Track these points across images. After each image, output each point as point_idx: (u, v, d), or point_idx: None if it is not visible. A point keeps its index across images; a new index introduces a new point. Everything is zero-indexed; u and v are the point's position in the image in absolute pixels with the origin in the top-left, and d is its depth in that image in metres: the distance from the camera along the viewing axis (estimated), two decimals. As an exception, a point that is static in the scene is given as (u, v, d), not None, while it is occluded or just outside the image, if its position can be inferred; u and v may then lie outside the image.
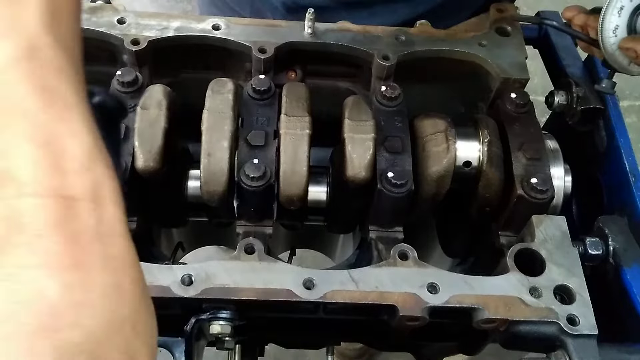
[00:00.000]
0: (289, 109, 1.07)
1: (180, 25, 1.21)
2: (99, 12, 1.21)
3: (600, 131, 1.21)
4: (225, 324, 0.94)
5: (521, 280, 0.96)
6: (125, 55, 1.18)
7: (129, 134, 1.03)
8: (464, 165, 1.10)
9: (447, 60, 1.25)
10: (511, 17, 1.29)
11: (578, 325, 0.92)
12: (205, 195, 1.04)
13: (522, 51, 1.25)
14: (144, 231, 1.13)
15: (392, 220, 1.10)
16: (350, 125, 1.07)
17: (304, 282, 0.94)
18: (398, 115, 1.12)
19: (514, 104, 1.14)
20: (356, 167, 1.04)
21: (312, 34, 1.22)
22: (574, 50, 1.32)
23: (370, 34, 1.24)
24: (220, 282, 0.92)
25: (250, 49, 1.19)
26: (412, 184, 1.04)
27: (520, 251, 1.00)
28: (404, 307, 0.92)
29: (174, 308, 0.96)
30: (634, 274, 1.02)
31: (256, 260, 0.96)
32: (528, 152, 1.08)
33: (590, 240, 1.07)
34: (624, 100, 3.37)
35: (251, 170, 1.01)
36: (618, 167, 1.15)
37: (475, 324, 0.95)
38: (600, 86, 1.18)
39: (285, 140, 1.04)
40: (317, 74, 1.29)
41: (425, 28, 1.28)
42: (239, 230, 1.09)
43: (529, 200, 1.04)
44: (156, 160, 1.01)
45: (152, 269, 0.93)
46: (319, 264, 1.65)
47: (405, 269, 0.96)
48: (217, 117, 1.03)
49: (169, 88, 1.09)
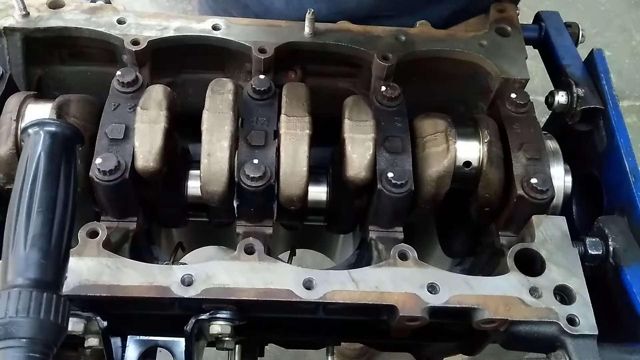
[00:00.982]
0: (289, 109, 1.07)
1: (180, 25, 1.21)
2: (99, 12, 1.21)
3: (600, 131, 1.21)
4: (225, 324, 0.94)
5: (521, 281, 0.96)
6: (125, 56, 1.18)
7: (129, 134, 1.03)
8: (464, 165, 1.10)
9: (447, 60, 1.25)
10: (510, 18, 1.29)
11: (578, 326, 0.92)
12: (205, 195, 1.04)
13: (522, 51, 1.25)
14: (143, 231, 1.13)
15: (392, 220, 1.10)
16: (350, 125, 1.07)
17: (304, 282, 0.94)
18: (398, 116, 1.12)
19: (514, 104, 1.14)
20: (356, 167, 1.04)
21: (312, 34, 1.22)
22: (574, 51, 1.32)
23: (371, 34, 1.24)
24: (220, 283, 0.92)
25: (250, 49, 1.19)
26: (412, 184, 1.04)
27: (520, 251, 1.00)
28: (403, 307, 0.92)
29: (174, 308, 0.96)
30: (633, 274, 1.02)
31: (256, 261, 0.96)
32: (528, 152, 1.08)
33: (590, 241, 1.07)
34: (624, 101, 3.38)
35: (251, 171, 1.01)
36: (618, 167, 1.14)
37: (475, 324, 0.95)
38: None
39: (285, 141, 1.04)
40: (317, 74, 1.29)
41: (425, 28, 1.28)
42: (239, 230, 1.09)
43: (529, 201, 1.04)
44: (156, 160, 1.01)
45: (152, 269, 0.93)
46: (319, 264, 1.65)
47: (405, 269, 0.96)
48: (217, 117, 1.03)
49: (169, 88, 1.09)
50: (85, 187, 1.02)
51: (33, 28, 1.17)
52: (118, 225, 1.06)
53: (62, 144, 0.84)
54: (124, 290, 0.90)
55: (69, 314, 0.75)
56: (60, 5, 1.21)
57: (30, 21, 1.17)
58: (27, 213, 0.76)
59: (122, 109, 1.06)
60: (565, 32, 1.35)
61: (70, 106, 1.06)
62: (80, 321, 0.91)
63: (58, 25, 1.18)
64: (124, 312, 0.97)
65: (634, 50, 3.77)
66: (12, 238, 0.75)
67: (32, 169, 0.79)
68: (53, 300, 0.72)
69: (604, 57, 1.25)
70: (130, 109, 1.06)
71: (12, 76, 1.15)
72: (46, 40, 1.19)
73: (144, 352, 1.02)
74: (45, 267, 0.74)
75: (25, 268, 0.73)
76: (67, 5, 1.21)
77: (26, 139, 0.84)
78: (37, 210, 0.77)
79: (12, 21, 1.17)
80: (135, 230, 1.07)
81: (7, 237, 0.76)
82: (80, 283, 0.90)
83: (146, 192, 1.08)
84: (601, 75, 1.22)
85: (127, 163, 1.00)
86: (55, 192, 0.79)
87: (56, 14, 1.19)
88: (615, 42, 3.76)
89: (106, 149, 1.01)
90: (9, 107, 1.07)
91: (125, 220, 1.07)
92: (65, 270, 0.78)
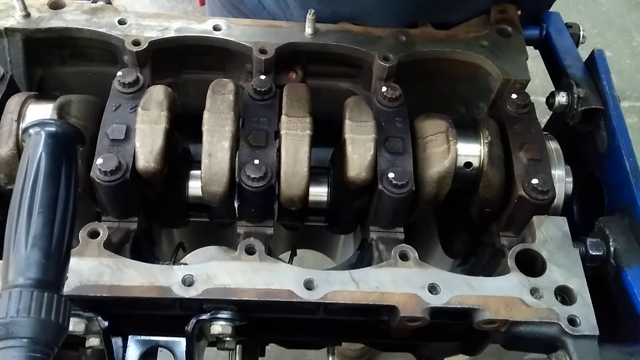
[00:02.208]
0: (289, 109, 1.07)
1: (181, 26, 1.21)
2: (100, 12, 1.21)
3: (601, 132, 1.21)
4: (226, 325, 0.94)
5: (522, 281, 0.96)
6: (126, 56, 1.18)
7: (131, 134, 1.03)
8: (464, 166, 1.10)
9: (447, 61, 1.25)
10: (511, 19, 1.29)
11: (579, 326, 0.92)
12: (206, 195, 1.04)
13: (523, 52, 1.25)
14: (144, 231, 1.13)
15: (393, 220, 1.10)
16: (351, 126, 1.07)
17: (305, 282, 0.94)
18: (399, 116, 1.12)
19: (514, 105, 1.14)
20: (357, 168, 1.04)
21: (313, 35, 1.22)
22: (575, 51, 1.32)
23: (371, 35, 1.24)
24: (221, 283, 0.92)
25: (251, 50, 1.19)
26: (413, 184, 1.04)
27: (521, 252, 0.99)
28: (404, 307, 0.92)
29: (175, 308, 0.96)
30: (634, 274, 1.02)
31: (257, 261, 0.96)
32: (529, 153, 1.08)
33: (591, 241, 1.07)
34: (625, 101, 3.38)
35: (252, 171, 1.01)
36: (619, 168, 1.14)
37: (476, 324, 0.95)
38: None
39: (286, 141, 1.04)
40: (318, 75, 1.29)
41: (426, 29, 1.28)
42: (240, 230, 1.09)
43: (530, 201, 1.04)
44: (157, 160, 1.01)
45: (153, 270, 0.93)
46: (320, 265, 1.65)
47: (406, 270, 0.96)
48: (217, 118, 1.03)
49: (170, 89, 1.09)
50: (86, 188, 1.02)
51: (34, 29, 1.17)
52: (119, 226, 1.06)
53: (63, 144, 0.84)
54: (125, 291, 0.90)
55: (69, 313, 0.75)
56: (61, 6, 1.21)
57: (31, 22, 1.17)
58: (28, 213, 0.76)
59: (123, 109, 1.06)
60: (566, 33, 1.35)
61: (72, 106, 1.06)
62: (81, 321, 0.92)
63: (59, 26, 1.18)
64: (125, 312, 0.97)
65: (635, 51, 3.77)
66: (13, 238, 0.75)
67: (33, 169, 0.79)
68: (54, 300, 0.72)
69: (605, 58, 1.25)
70: (131, 109, 1.06)
71: (13, 77, 1.15)
72: (47, 41, 1.19)
73: (144, 352, 1.02)
74: (46, 267, 0.74)
75: (27, 268, 0.73)
76: (68, 6, 1.21)
77: (27, 139, 0.84)
78: (38, 210, 0.77)
79: (13, 22, 1.17)
80: (136, 230, 1.07)
81: (8, 237, 0.76)
82: (81, 283, 0.90)
83: (147, 192, 1.08)
84: (602, 76, 1.22)
85: (128, 163, 1.00)
86: (57, 192, 0.79)
87: (57, 14, 1.19)
88: (616, 43, 3.76)
89: (107, 150, 1.01)
90: (10, 107, 1.07)
91: (126, 220, 1.07)
92: (66, 270, 0.79)
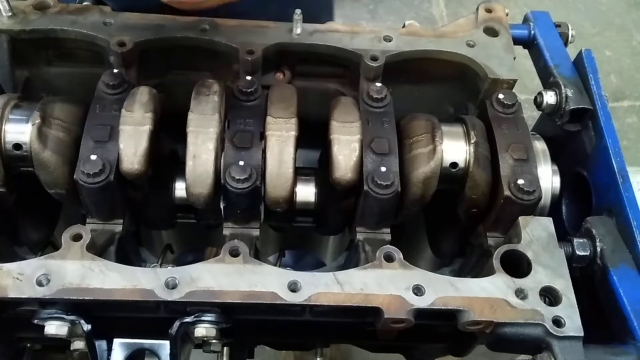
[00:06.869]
0: (275, 110, 1.07)
1: (167, 26, 1.20)
2: (85, 13, 1.20)
3: (589, 131, 1.21)
4: (210, 327, 0.94)
5: (507, 282, 0.96)
6: (112, 57, 1.17)
7: (115, 136, 1.02)
8: (450, 166, 1.10)
9: (435, 60, 1.24)
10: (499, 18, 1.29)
11: (564, 327, 0.92)
12: (190, 197, 1.04)
13: (511, 51, 1.25)
14: (130, 233, 1.12)
15: (379, 221, 1.09)
16: (336, 127, 1.06)
17: (289, 284, 0.93)
18: (386, 117, 1.11)
19: (501, 105, 1.14)
20: (342, 169, 1.04)
21: (300, 35, 1.21)
22: (563, 51, 1.32)
23: (358, 35, 1.23)
24: (204, 285, 0.92)
25: (238, 50, 1.18)
26: (399, 185, 1.03)
27: (506, 252, 0.99)
28: (388, 309, 0.92)
29: (159, 311, 0.96)
30: (620, 274, 1.02)
31: (241, 263, 0.95)
32: (515, 153, 1.08)
33: (578, 242, 1.06)
34: (624, 101, 3.35)
35: (237, 172, 1.00)
36: (606, 168, 1.14)
37: (461, 325, 0.94)
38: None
39: (271, 142, 1.04)
40: (306, 75, 1.28)
41: (414, 29, 1.27)
42: (226, 232, 1.09)
43: (516, 202, 1.04)
44: (141, 162, 1.00)
45: (136, 272, 0.92)
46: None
47: (390, 271, 0.96)
48: (202, 119, 1.03)
49: (154, 90, 1.09)
50: (70, 189, 1.02)
51: (19, 29, 1.16)
52: (104, 228, 1.06)
53: None
54: (107, 294, 0.90)
55: None
56: (46, 7, 1.20)
57: (17, 22, 1.17)
58: None
59: (107, 111, 1.06)
60: (554, 32, 1.34)
61: (55, 108, 1.05)
62: (64, 324, 0.91)
63: (44, 27, 1.17)
64: (109, 315, 0.96)
65: (634, 50, 3.76)
66: None
67: None
68: None
69: (593, 58, 1.24)
70: (115, 111, 1.05)
71: (-2, 78, 1.15)
72: (32, 42, 1.19)
73: (130, 355, 1.01)
74: None
75: None
76: (53, 7, 1.20)
77: None
78: None
79: (-1, 23, 1.16)
80: (122, 232, 1.06)
81: None
82: (64, 286, 0.90)
83: (132, 194, 1.08)
84: (590, 76, 1.22)
85: (112, 165, 1.00)
86: None
87: (42, 15, 1.19)
88: (615, 42, 3.75)
89: (91, 151, 1.01)
90: (-7, 109, 1.06)
91: (111, 222, 1.07)
92: None
